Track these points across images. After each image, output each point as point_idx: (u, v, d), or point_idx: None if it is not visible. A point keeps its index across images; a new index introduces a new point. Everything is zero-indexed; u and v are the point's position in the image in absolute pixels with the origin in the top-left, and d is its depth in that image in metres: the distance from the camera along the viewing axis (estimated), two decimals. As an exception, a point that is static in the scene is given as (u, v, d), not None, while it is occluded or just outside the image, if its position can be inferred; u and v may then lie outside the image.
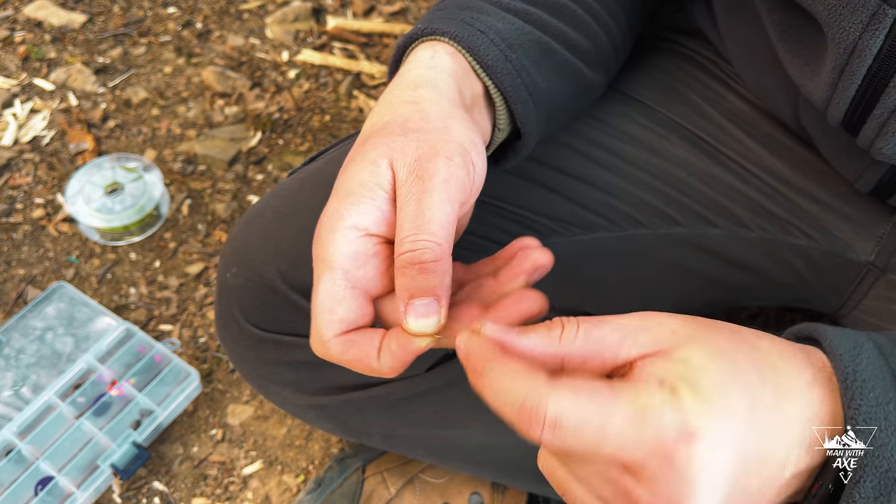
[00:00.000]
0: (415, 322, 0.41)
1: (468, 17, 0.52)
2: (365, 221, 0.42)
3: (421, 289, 0.40)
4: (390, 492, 0.83)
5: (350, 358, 0.42)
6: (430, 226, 0.40)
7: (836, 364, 0.36)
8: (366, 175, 0.42)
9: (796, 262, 0.69)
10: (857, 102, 0.51)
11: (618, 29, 0.63)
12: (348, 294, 0.42)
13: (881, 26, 0.46)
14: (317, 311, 0.42)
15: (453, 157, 0.42)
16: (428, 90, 0.47)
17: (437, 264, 0.40)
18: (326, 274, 0.42)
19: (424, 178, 0.41)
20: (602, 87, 0.66)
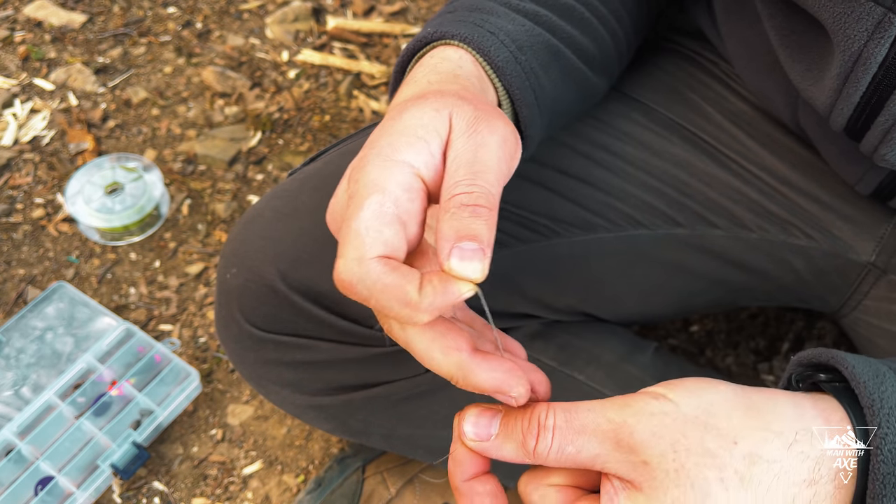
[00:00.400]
0: (460, 264, 0.37)
1: (478, 19, 0.52)
2: (418, 161, 0.40)
3: (472, 231, 0.37)
4: (390, 492, 0.83)
5: (389, 282, 0.37)
6: (487, 175, 0.39)
7: (861, 391, 0.36)
8: (426, 118, 0.40)
9: (797, 263, 0.69)
10: (861, 109, 0.51)
11: (623, 34, 0.63)
12: (396, 221, 0.39)
13: (887, 34, 0.46)
14: (360, 229, 0.38)
15: (510, 125, 0.42)
16: (460, 82, 0.47)
17: (490, 212, 0.38)
18: (376, 195, 0.38)
19: (483, 133, 0.40)
20: (604, 92, 0.66)
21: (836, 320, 0.75)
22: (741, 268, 0.70)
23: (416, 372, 0.66)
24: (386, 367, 0.66)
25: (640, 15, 0.66)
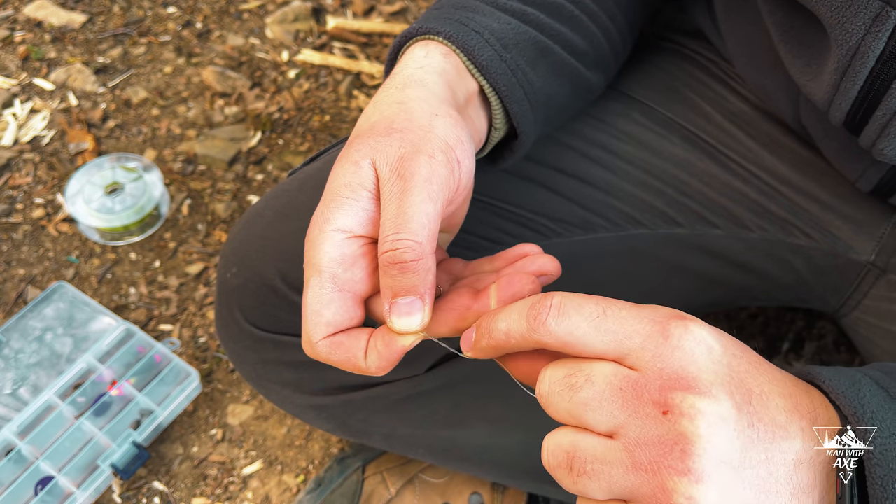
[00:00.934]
0: (398, 321, 0.42)
1: (463, 17, 0.52)
2: (350, 223, 0.42)
3: (403, 287, 0.41)
4: (390, 492, 0.83)
5: (337, 359, 0.43)
6: (410, 224, 0.40)
7: (841, 401, 0.36)
8: (349, 176, 0.42)
9: (796, 263, 0.69)
10: (859, 103, 0.51)
11: (616, 30, 0.63)
12: (336, 297, 0.42)
13: (884, 28, 0.46)
14: (306, 313, 0.42)
15: (435, 154, 0.43)
16: (416, 89, 0.47)
17: (417, 263, 0.40)
18: (315, 278, 0.42)
19: (406, 177, 0.41)
20: (601, 88, 0.66)
21: (836, 320, 0.75)
22: (741, 268, 0.70)
23: (416, 372, 0.66)
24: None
25: (634, 12, 0.66)
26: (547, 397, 0.38)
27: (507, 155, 0.57)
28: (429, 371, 0.67)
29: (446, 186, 0.43)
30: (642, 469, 0.34)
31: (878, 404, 0.35)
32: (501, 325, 0.39)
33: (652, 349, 0.35)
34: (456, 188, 0.44)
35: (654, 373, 0.35)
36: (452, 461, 0.73)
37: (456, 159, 0.44)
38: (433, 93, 0.47)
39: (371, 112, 0.47)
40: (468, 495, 0.83)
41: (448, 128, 0.44)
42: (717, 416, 0.34)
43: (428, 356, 0.66)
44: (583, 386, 0.36)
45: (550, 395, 0.38)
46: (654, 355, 0.35)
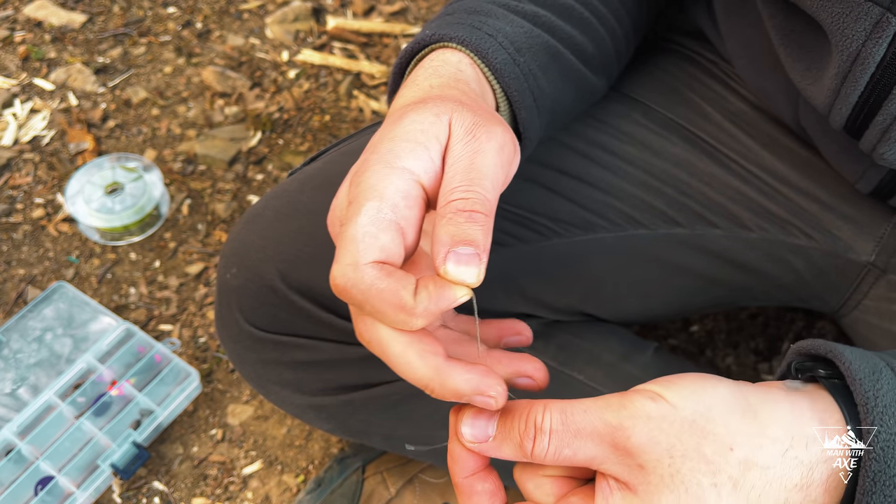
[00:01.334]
0: (455, 268, 0.37)
1: (476, 22, 0.52)
2: (418, 168, 0.40)
3: (468, 237, 0.38)
4: (390, 492, 0.83)
5: (384, 287, 0.37)
6: (483, 181, 0.39)
7: (856, 387, 0.36)
8: (426, 124, 0.40)
9: (796, 263, 0.69)
10: (859, 108, 0.51)
11: (622, 33, 0.63)
12: (393, 227, 0.39)
13: (885, 34, 0.46)
14: (356, 234, 0.38)
15: (508, 130, 0.42)
16: (467, 87, 0.47)
17: (486, 218, 0.38)
18: (374, 202, 0.39)
19: (481, 139, 0.40)
20: (603, 91, 0.66)
21: (836, 320, 0.75)
22: (741, 268, 0.70)
23: (416, 372, 0.66)
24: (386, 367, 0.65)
25: (639, 14, 0.66)
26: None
27: None
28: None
29: (510, 163, 0.42)
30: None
31: (891, 399, 0.35)
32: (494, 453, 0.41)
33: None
34: (511, 175, 0.43)
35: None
36: (452, 461, 0.73)
37: (517, 147, 0.43)
38: (473, 89, 0.47)
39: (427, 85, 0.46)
40: (468, 495, 0.83)
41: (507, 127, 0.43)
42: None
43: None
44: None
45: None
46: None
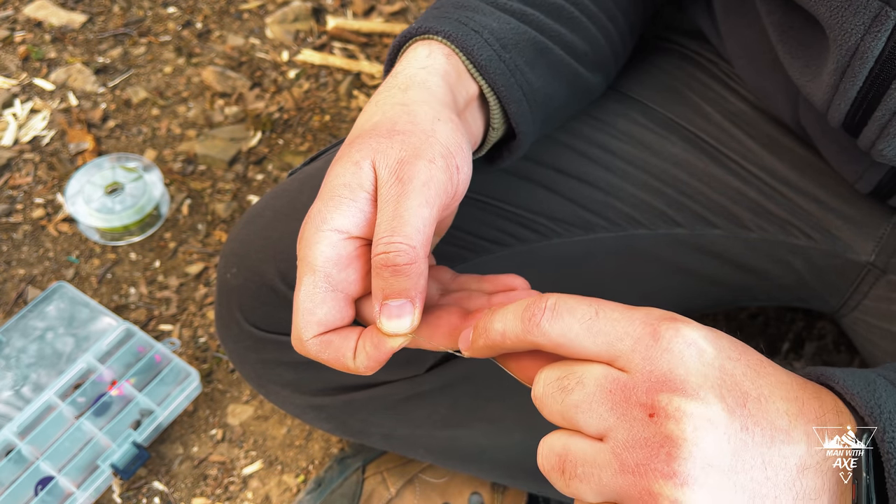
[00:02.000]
0: (388, 322, 0.42)
1: (463, 17, 0.52)
2: (347, 224, 0.42)
3: (394, 290, 0.41)
4: (390, 492, 0.83)
5: (326, 357, 0.43)
6: (405, 228, 0.41)
7: (857, 402, 0.36)
8: (348, 176, 0.42)
9: (796, 263, 0.69)
10: (858, 104, 0.51)
11: (617, 32, 0.63)
12: (328, 297, 0.42)
13: (883, 28, 0.46)
14: (297, 311, 0.43)
15: (436, 159, 0.43)
16: (419, 91, 0.47)
17: (410, 267, 0.41)
18: (308, 276, 0.42)
19: (404, 180, 0.41)
20: (601, 90, 0.66)
21: (836, 320, 0.75)
22: (741, 268, 0.70)
23: (416, 372, 0.66)
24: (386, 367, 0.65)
25: (634, 13, 0.66)
26: (541, 399, 0.38)
27: (505, 155, 0.57)
28: (429, 371, 0.67)
29: (444, 192, 0.43)
30: (629, 472, 0.34)
31: (894, 405, 0.35)
32: (498, 326, 0.39)
33: (642, 351, 0.35)
34: (453, 194, 0.44)
35: (643, 375, 0.35)
36: (452, 461, 0.73)
37: (455, 166, 0.44)
38: (435, 96, 0.47)
39: (373, 111, 0.47)
40: (468, 495, 0.83)
41: (449, 133, 0.44)
42: (704, 418, 0.33)
43: (428, 356, 0.66)
44: (574, 388, 0.36)
45: (544, 398, 0.38)
46: (644, 357, 0.35)
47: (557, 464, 0.37)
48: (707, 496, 0.33)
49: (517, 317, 0.38)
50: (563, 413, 0.36)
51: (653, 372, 0.34)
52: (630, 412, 0.34)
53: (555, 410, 0.37)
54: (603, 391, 0.35)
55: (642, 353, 0.35)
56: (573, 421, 0.36)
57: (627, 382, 0.35)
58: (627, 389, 0.35)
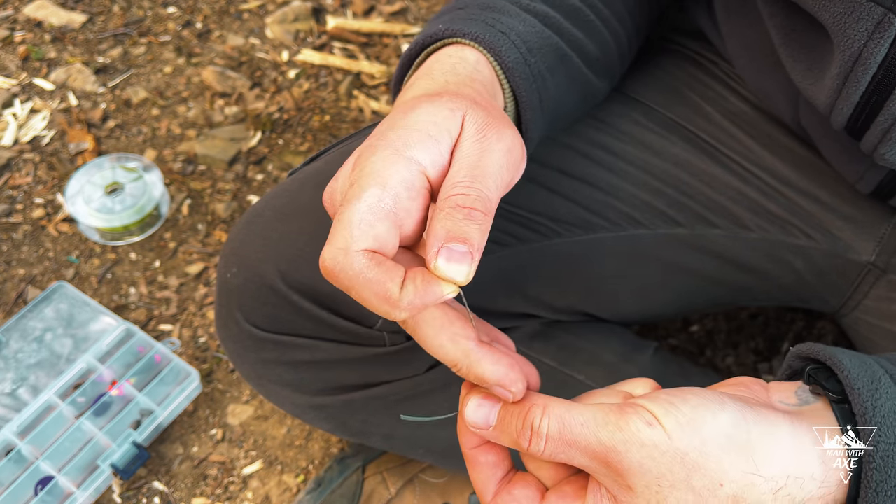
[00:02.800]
0: (446, 265, 0.37)
1: (490, 18, 0.52)
2: (426, 160, 0.40)
3: (463, 233, 0.37)
4: (390, 492, 0.83)
5: (371, 276, 0.37)
6: (486, 180, 0.39)
7: (854, 396, 0.36)
8: (440, 117, 0.40)
9: (797, 263, 0.69)
10: (860, 109, 0.51)
11: (626, 36, 0.63)
12: (392, 216, 0.38)
13: (886, 34, 0.46)
14: (352, 219, 0.38)
15: (518, 136, 0.42)
16: (482, 88, 0.47)
17: (485, 217, 0.38)
18: (375, 189, 0.38)
19: (492, 139, 0.40)
20: (604, 94, 0.66)
21: (836, 320, 0.75)
22: (741, 268, 0.70)
23: (416, 372, 0.66)
24: (386, 367, 0.66)
25: (641, 16, 0.66)
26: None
27: None
28: (429, 371, 0.67)
29: (517, 167, 0.42)
30: None
31: (890, 409, 0.35)
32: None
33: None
34: (513, 181, 0.43)
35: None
36: (452, 461, 0.73)
37: (524, 152, 0.43)
38: (487, 88, 0.47)
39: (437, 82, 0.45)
40: (468, 495, 0.83)
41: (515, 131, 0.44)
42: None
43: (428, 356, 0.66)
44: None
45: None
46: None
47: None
48: None
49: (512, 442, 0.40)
50: None
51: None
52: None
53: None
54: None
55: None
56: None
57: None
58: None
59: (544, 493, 0.41)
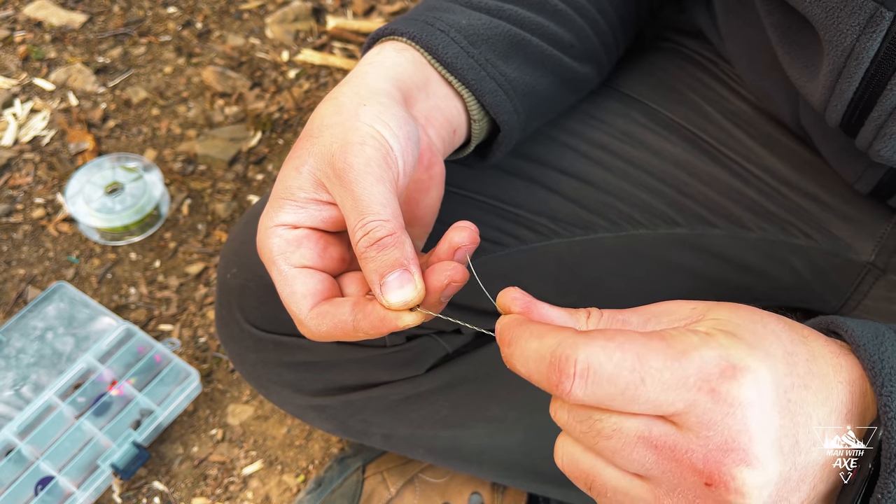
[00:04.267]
0: (394, 295, 0.41)
1: (430, 18, 0.53)
2: (290, 219, 0.45)
3: (387, 264, 0.41)
4: (390, 492, 0.83)
5: (328, 326, 0.43)
6: (370, 208, 0.42)
7: (862, 354, 0.36)
8: (289, 180, 0.45)
9: (796, 263, 0.69)
10: (854, 105, 0.51)
11: (607, 24, 0.63)
12: (296, 273, 0.45)
13: (878, 29, 0.46)
14: (286, 302, 0.45)
15: (366, 141, 0.44)
16: (352, 84, 0.48)
17: (392, 238, 0.41)
18: (273, 268, 0.45)
19: (346, 170, 0.43)
20: (594, 82, 0.66)
21: (837, 320, 0.75)
22: (741, 268, 0.70)
23: (416, 372, 0.66)
24: (386, 367, 0.66)
25: (625, 6, 0.66)
26: (565, 426, 0.35)
27: (495, 149, 0.58)
28: (429, 371, 0.67)
29: (387, 167, 0.44)
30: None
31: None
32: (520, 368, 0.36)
33: (699, 414, 0.32)
34: (398, 171, 0.45)
35: (701, 440, 0.32)
36: (452, 461, 0.73)
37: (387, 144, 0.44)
38: (368, 85, 0.48)
39: (315, 111, 0.48)
40: (468, 495, 0.83)
41: (375, 113, 0.45)
42: (763, 485, 0.32)
43: (428, 356, 0.66)
44: (612, 435, 0.33)
45: (570, 428, 0.35)
46: (701, 421, 0.32)
47: (583, 480, 0.35)
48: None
49: (541, 372, 0.34)
50: (596, 449, 0.34)
51: (711, 438, 0.32)
52: (681, 473, 0.32)
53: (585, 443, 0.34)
54: (647, 443, 0.33)
55: (699, 416, 0.32)
56: (606, 457, 0.34)
57: (680, 442, 0.32)
58: (679, 450, 0.32)
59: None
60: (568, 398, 0.33)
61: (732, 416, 0.32)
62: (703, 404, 0.32)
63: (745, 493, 0.32)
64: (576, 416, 0.34)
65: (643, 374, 0.32)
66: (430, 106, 0.52)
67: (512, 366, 0.36)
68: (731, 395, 0.32)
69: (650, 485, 0.33)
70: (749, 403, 0.32)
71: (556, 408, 0.35)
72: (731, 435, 0.31)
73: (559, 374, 0.32)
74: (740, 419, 0.32)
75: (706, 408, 0.32)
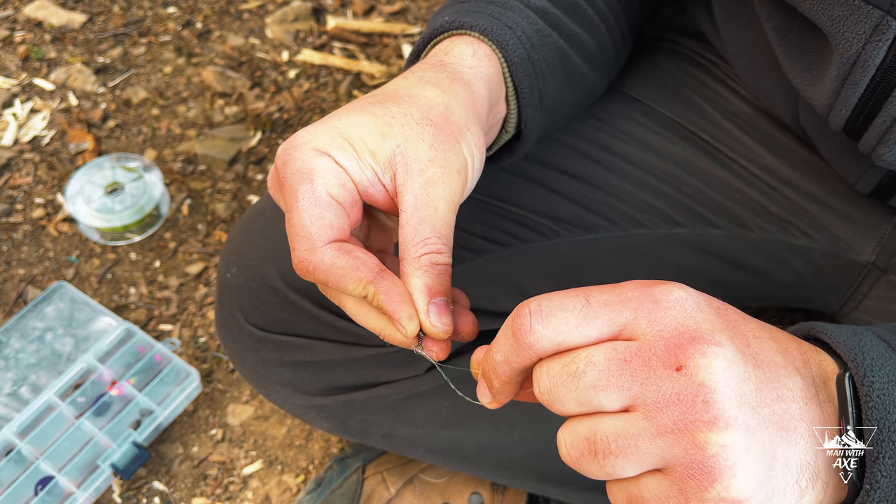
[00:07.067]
0: (439, 319, 0.42)
1: (495, 12, 0.52)
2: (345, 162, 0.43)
3: (441, 288, 0.42)
4: (390, 492, 0.83)
5: (344, 264, 0.41)
6: (444, 231, 0.42)
7: (843, 349, 0.36)
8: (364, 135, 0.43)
9: (797, 263, 0.69)
10: (859, 110, 0.51)
11: (619, 29, 0.63)
12: (334, 203, 0.41)
13: (885, 37, 0.46)
14: (303, 219, 0.41)
15: (462, 171, 0.44)
16: (461, 91, 0.47)
17: (448, 268, 0.43)
18: (304, 185, 0.41)
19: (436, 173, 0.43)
20: (601, 90, 0.66)
21: (837, 320, 0.75)
22: (741, 268, 0.70)
23: (416, 372, 0.66)
24: (386, 367, 0.66)
25: (632, 10, 0.66)
26: (550, 392, 0.36)
27: (506, 155, 0.57)
28: (429, 371, 0.67)
29: (460, 200, 0.45)
30: (668, 431, 0.33)
31: (878, 353, 0.36)
32: (498, 357, 0.38)
33: (645, 316, 0.35)
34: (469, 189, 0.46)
35: (654, 336, 0.35)
36: (452, 461, 0.73)
37: (466, 180, 0.45)
38: (472, 104, 0.48)
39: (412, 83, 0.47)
40: (468, 495, 0.83)
41: (472, 148, 0.46)
42: (727, 359, 0.34)
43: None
44: (585, 370, 0.35)
45: (553, 389, 0.36)
46: (649, 321, 0.35)
47: (588, 448, 0.36)
48: (747, 434, 0.33)
49: (507, 336, 0.37)
50: (580, 398, 0.35)
51: (663, 331, 0.35)
52: (653, 373, 0.34)
53: (569, 398, 0.36)
54: (618, 362, 0.35)
55: (646, 318, 0.35)
56: (592, 402, 0.35)
57: (641, 347, 0.35)
58: (643, 353, 0.34)
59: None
60: (531, 337, 0.36)
61: (674, 310, 0.35)
62: (647, 308, 0.35)
63: (710, 365, 0.33)
64: (552, 369, 0.36)
65: (587, 296, 0.36)
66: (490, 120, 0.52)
67: (494, 365, 0.39)
68: (668, 297, 0.36)
69: (640, 411, 0.34)
70: (685, 299, 0.36)
71: (537, 377, 0.37)
72: (680, 322, 0.35)
73: (518, 321, 0.36)
74: (682, 311, 0.35)
75: (649, 309, 0.35)
